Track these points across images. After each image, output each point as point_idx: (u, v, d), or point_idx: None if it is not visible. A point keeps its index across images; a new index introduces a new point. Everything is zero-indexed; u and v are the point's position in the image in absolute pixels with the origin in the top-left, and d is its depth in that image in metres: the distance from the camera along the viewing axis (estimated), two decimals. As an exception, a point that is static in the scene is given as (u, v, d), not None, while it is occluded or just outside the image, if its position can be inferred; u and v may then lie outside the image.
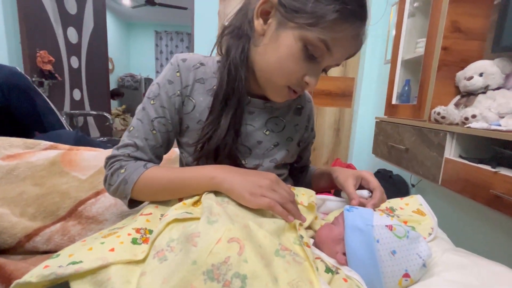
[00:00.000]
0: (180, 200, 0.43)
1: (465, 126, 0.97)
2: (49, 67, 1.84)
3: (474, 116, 0.97)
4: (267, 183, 0.40)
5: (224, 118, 0.47)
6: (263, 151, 0.54)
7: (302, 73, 0.43)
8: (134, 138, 0.47)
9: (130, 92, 4.93)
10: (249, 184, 0.40)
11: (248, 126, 0.52)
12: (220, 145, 0.47)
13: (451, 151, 1.04)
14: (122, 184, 0.44)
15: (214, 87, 0.49)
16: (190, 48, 5.33)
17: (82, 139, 1.04)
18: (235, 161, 0.50)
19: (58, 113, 1.16)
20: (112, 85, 4.46)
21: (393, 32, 1.58)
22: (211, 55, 0.53)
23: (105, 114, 2.26)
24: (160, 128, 0.48)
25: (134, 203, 0.48)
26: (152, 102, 0.48)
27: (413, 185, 1.65)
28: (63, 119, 1.19)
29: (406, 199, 0.53)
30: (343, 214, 0.43)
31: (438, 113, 1.10)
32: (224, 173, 0.42)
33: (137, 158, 0.47)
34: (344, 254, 0.39)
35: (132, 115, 4.67)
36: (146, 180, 0.44)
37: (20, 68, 1.74)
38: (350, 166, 2.00)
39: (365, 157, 2.22)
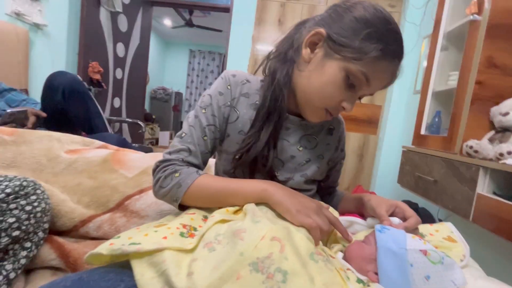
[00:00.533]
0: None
1: (500, 162, 0.94)
2: (98, 76, 2.05)
3: (510, 153, 0.95)
4: (314, 207, 0.43)
5: (264, 132, 0.51)
6: (295, 166, 0.57)
7: (341, 98, 0.48)
8: (187, 144, 0.51)
9: (161, 104, 5.22)
10: (297, 202, 0.42)
11: (283, 141, 0.56)
12: (258, 156, 0.51)
13: (484, 187, 1.00)
14: (175, 188, 0.48)
15: (257, 102, 0.54)
16: (220, 67, 5.61)
17: (123, 142, 1.14)
18: (270, 173, 0.54)
19: (104, 117, 1.28)
20: (147, 96, 4.74)
21: (424, 64, 1.60)
22: (255, 74, 0.60)
23: (139, 122, 2.42)
24: (210, 135, 0.53)
25: (181, 208, 0.51)
26: (203, 111, 0.53)
27: (440, 220, 1.58)
28: (107, 123, 1.31)
29: (436, 225, 0.53)
30: (374, 234, 0.44)
31: (471, 147, 1.08)
32: (274, 187, 0.45)
33: (189, 163, 0.51)
34: (376, 273, 0.40)
35: (160, 125, 4.91)
36: (199, 186, 0.47)
37: (74, 76, 1.96)
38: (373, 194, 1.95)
39: (389, 186, 2.16)
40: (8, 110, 1.04)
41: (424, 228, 0.53)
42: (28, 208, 0.46)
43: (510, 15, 1.09)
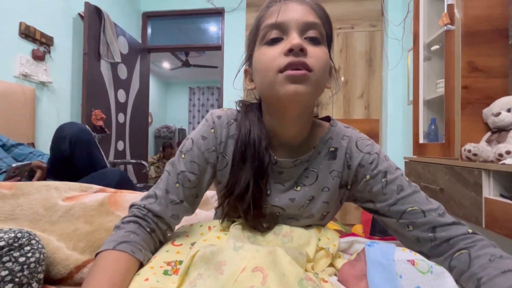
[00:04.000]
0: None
1: (500, 162, 0.92)
2: (100, 123, 2.14)
3: (508, 152, 0.93)
4: None
5: (244, 171, 0.47)
6: (297, 208, 0.50)
7: (277, 52, 0.42)
8: (156, 189, 0.48)
9: (165, 141, 5.36)
10: None
11: (278, 185, 0.51)
12: (243, 200, 0.47)
13: (489, 190, 0.97)
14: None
15: None
16: (219, 100, 5.81)
17: (125, 177, 1.15)
18: (260, 220, 0.50)
19: (107, 163, 1.33)
20: (151, 136, 4.90)
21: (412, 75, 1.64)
22: None
23: (143, 162, 2.48)
24: (185, 183, 0.48)
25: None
26: (183, 156, 0.49)
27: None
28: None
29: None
30: (364, 250, 0.43)
31: (469, 151, 1.07)
32: None
33: (150, 210, 0.47)
34: (368, 289, 0.39)
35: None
36: (98, 259, 0.40)
37: (78, 125, 2.06)
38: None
39: (400, 200, 2.09)
40: (13, 165, 1.09)
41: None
42: (21, 259, 0.47)
43: (481, 22, 1.14)
